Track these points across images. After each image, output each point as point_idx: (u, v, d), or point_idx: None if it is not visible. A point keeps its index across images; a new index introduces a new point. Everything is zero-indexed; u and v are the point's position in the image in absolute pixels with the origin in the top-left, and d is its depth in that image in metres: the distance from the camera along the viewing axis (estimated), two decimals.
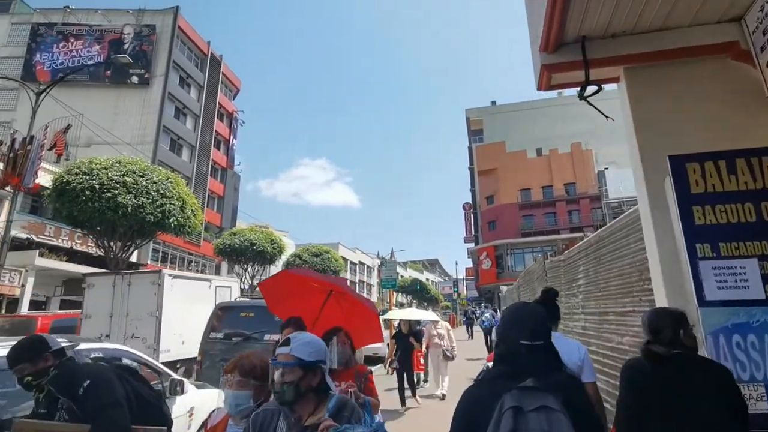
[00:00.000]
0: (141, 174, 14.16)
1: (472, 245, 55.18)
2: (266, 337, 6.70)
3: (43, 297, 24.95)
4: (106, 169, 13.73)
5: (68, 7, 37.11)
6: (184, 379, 3.98)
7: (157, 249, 34.36)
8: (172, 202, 14.36)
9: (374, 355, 13.00)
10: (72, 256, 26.26)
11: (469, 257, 59.96)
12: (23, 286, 21.94)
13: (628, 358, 2.53)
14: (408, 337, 8.25)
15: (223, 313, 7.04)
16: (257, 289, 28.20)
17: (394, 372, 8.17)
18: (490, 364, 2.10)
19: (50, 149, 13.33)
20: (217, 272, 39.20)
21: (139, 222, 13.77)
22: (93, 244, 15.49)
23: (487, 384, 1.53)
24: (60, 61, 35.84)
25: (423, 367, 9.15)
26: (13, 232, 23.75)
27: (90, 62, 35.79)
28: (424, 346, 8.86)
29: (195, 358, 7.32)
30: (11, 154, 11.79)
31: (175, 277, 9.73)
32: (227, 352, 6.67)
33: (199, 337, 7.15)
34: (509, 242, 46.04)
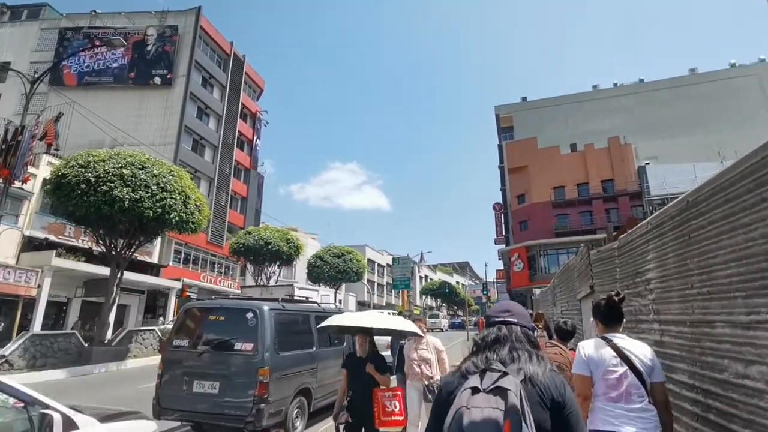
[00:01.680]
0: (141, 166, 13.29)
1: (502, 247, 52.91)
2: (238, 346, 5.43)
3: (63, 298, 24.74)
4: (103, 161, 12.91)
5: (95, 11, 37.57)
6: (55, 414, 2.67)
7: (179, 250, 34.08)
8: (174, 196, 13.41)
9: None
10: (91, 257, 26.08)
11: (499, 259, 57.62)
12: (39, 286, 21.67)
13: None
14: (366, 364, 4.40)
15: (188, 316, 5.84)
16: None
17: None
18: None
19: (41, 139, 12.69)
20: (242, 274, 38.74)
21: (138, 217, 12.87)
22: (93, 242, 14.74)
23: (458, 369, 1.56)
24: (86, 64, 36.25)
25: (400, 420, 4.28)
26: (32, 233, 23.74)
27: (114, 65, 36.05)
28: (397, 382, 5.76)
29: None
30: (3, 146, 11.12)
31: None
32: (193, 363, 5.46)
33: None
34: (542, 243, 43.65)
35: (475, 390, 1.33)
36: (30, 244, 23.52)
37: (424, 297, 72.34)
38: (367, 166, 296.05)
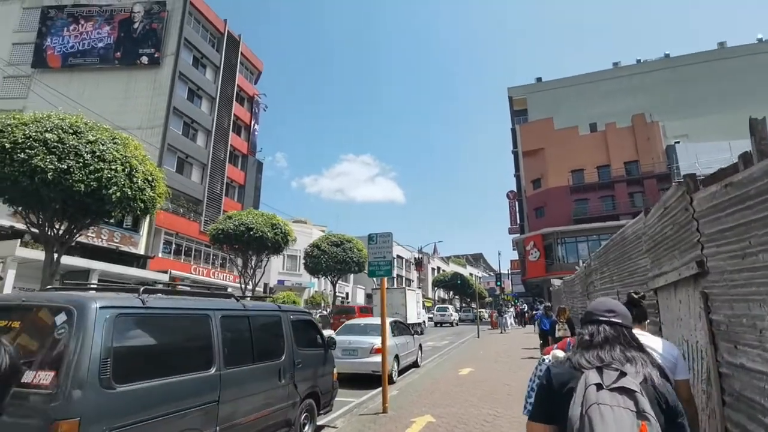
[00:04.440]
0: (72, 131, 10.87)
1: (517, 236, 49.92)
2: (28, 377, 2.91)
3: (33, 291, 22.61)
4: (24, 125, 10.53)
5: None
6: None
7: (170, 241, 31.97)
8: (113, 167, 10.97)
9: (374, 372, 9.02)
10: (69, 247, 24.00)
11: (514, 249, 54.61)
12: (1, 278, 19.64)
13: None
14: None
15: None
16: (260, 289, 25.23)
17: None
18: (547, 358, 3.25)
19: None
20: (245, 266, 36.31)
21: (68, 192, 10.47)
22: (22, 221, 12.43)
23: (566, 362, 1.58)
24: (70, 44, 34.13)
25: None
26: None
27: (100, 44, 33.88)
28: None
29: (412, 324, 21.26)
30: None
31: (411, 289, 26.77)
32: None
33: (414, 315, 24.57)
34: (559, 230, 40.64)
35: (599, 386, 1.37)
36: None
37: (435, 289, 69.74)
38: (380, 158, 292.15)
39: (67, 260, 22.06)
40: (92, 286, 4.43)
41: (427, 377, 10.27)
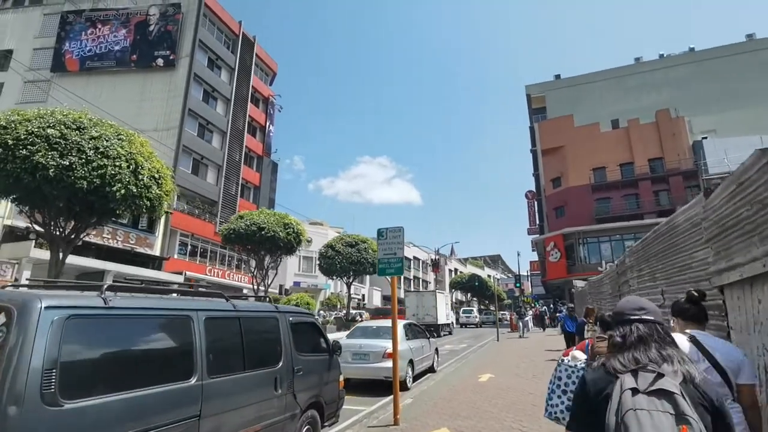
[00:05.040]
0: (75, 127, 10.57)
1: (537, 237, 48.68)
2: None
3: None
4: (28, 120, 10.27)
5: None
6: None
7: (185, 242, 31.93)
8: (117, 163, 10.63)
9: (386, 378, 8.41)
10: (82, 248, 24.04)
11: (533, 250, 53.31)
12: (16, 280, 19.63)
13: None
14: None
15: None
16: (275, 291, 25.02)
17: None
18: (567, 359, 3.54)
19: None
20: (260, 267, 36.07)
21: (70, 190, 10.16)
22: (28, 219, 12.20)
23: (601, 366, 1.52)
24: (88, 48, 34.50)
25: None
26: (13, 222, 21.77)
27: (116, 48, 34.15)
28: None
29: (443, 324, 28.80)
30: None
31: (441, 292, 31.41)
32: None
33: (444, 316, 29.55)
34: (581, 230, 39.37)
35: (634, 391, 1.32)
36: (12, 235, 21.61)
37: (453, 291, 68.72)
38: (397, 160, 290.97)
39: (81, 261, 22.14)
40: (59, 283, 3.92)
41: (443, 384, 9.62)
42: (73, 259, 21.42)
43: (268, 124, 42.25)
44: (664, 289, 4.47)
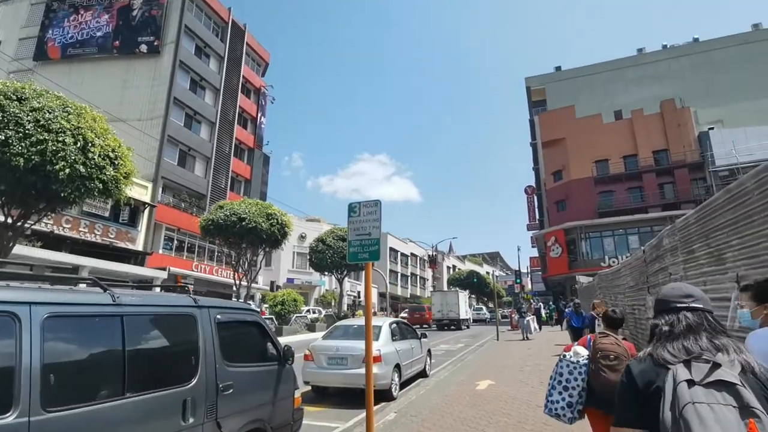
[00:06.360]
0: (16, 98, 9.19)
1: (536, 232, 47.36)
2: None
3: None
4: None
5: None
6: None
7: (171, 237, 30.54)
8: (60, 138, 9.24)
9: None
10: (57, 242, 22.67)
11: (533, 246, 52.01)
12: None
13: None
14: None
15: None
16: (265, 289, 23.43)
17: None
18: (569, 354, 3.36)
19: None
20: (253, 264, 34.75)
21: (5, 168, 8.77)
22: None
23: (648, 357, 1.40)
24: (70, 35, 33.02)
25: None
26: None
27: (98, 33, 32.67)
28: None
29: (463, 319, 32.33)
30: None
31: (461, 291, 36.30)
32: None
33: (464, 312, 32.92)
34: (583, 224, 38.02)
35: (690, 383, 1.23)
36: None
37: (450, 288, 67.43)
38: (396, 157, 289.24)
39: (53, 256, 20.72)
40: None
41: (435, 393, 8.28)
42: (40, 253, 20.10)
43: (259, 115, 40.81)
44: (740, 273, 3.13)
